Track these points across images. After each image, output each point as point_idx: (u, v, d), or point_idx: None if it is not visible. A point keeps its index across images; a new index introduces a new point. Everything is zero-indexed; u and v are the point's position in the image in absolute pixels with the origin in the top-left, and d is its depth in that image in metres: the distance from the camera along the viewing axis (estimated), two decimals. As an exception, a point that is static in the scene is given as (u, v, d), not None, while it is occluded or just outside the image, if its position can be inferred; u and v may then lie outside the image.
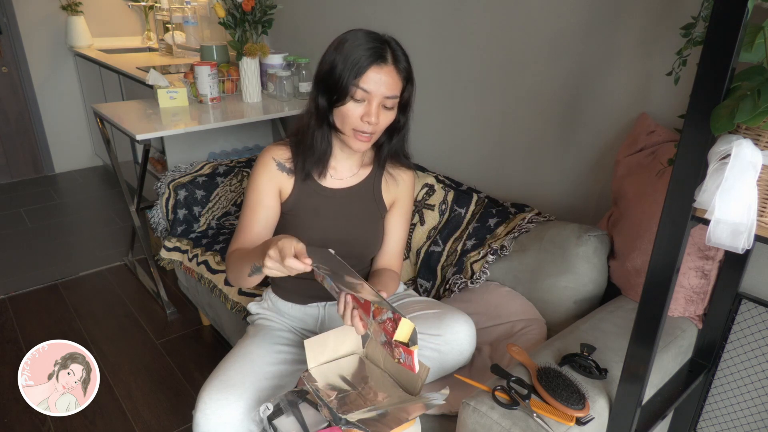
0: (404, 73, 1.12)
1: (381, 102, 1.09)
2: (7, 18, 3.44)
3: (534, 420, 0.91)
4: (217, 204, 2.04)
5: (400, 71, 1.10)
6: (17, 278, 2.54)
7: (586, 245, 1.32)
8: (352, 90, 1.07)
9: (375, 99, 1.08)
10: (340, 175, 1.24)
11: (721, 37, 0.65)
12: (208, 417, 1.07)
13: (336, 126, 1.13)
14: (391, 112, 1.13)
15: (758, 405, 1.26)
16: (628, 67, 1.34)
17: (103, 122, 2.28)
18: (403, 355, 0.86)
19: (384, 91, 1.08)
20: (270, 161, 1.20)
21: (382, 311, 0.87)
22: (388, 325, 0.86)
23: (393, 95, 1.09)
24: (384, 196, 1.28)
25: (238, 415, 1.08)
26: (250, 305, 1.38)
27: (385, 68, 1.07)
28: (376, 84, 1.07)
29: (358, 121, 1.09)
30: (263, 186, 1.20)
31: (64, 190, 3.64)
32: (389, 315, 0.86)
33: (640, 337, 0.85)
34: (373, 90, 1.07)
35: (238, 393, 1.09)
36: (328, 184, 1.23)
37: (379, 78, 1.07)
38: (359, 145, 1.13)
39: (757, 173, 0.69)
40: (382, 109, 1.10)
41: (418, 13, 1.86)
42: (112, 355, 2.03)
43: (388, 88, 1.08)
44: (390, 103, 1.10)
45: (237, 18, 2.23)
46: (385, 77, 1.07)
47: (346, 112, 1.09)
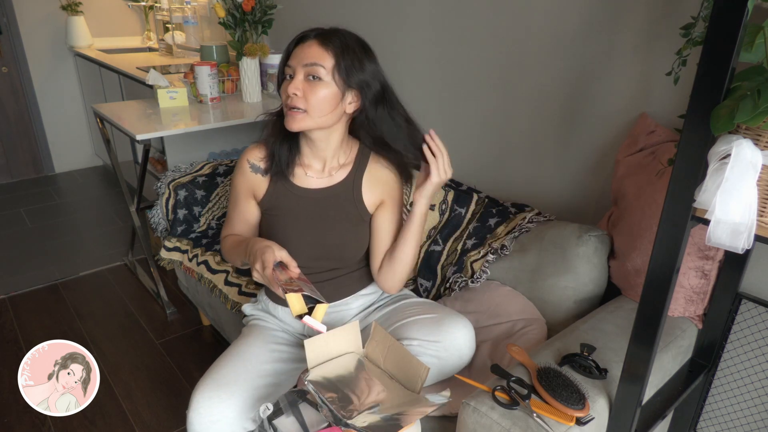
0: (333, 48, 1.10)
1: (304, 73, 1.10)
2: (7, 18, 3.44)
3: (534, 420, 0.91)
4: (217, 204, 2.03)
5: (325, 44, 1.10)
6: (17, 278, 2.54)
7: (587, 245, 1.32)
8: (285, 70, 1.13)
9: (299, 72, 1.10)
10: (316, 174, 1.23)
11: (721, 37, 0.65)
12: (201, 415, 1.07)
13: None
14: (321, 85, 1.09)
15: (758, 405, 1.26)
16: (628, 67, 1.34)
17: (103, 122, 2.28)
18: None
19: (304, 61, 1.10)
20: (244, 164, 1.25)
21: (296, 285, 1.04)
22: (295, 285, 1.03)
23: (311, 62, 1.09)
24: (365, 198, 1.24)
25: (230, 414, 1.08)
26: (245, 307, 1.38)
27: (307, 43, 1.11)
28: (296, 57, 1.11)
29: (286, 97, 1.12)
30: (238, 188, 1.27)
31: (64, 190, 3.64)
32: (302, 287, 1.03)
33: (640, 337, 0.85)
34: (294, 63, 1.11)
35: (231, 391, 1.09)
36: (303, 184, 1.23)
37: (300, 50, 1.11)
38: (290, 122, 1.12)
39: (757, 173, 0.69)
40: (308, 80, 1.10)
41: (418, 13, 1.86)
42: (112, 355, 2.03)
43: (307, 57, 1.10)
44: (312, 71, 1.09)
45: (237, 18, 2.23)
46: (306, 49, 1.11)
47: (282, 93, 1.14)
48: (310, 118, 1.11)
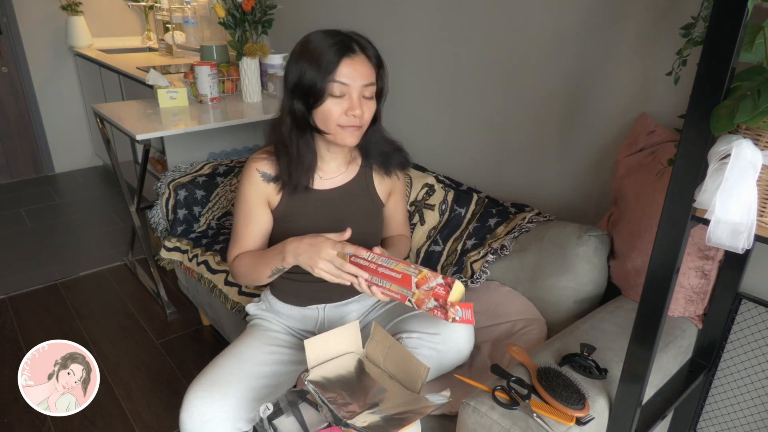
0: (375, 60, 1.11)
1: (360, 92, 1.08)
2: (7, 18, 3.44)
3: (534, 420, 0.91)
4: (217, 204, 2.03)
5: (371, 58, 1.10)
6: (17, 278, 2.54)
7: (586, 245, 1.32)
8: (330, 87, 1.06)
9: (354, 91, 1.08)
10: (330, 175, 1.23)
11: (721, 37, 0.65)
12: (193, 415, 1.07)
13: (318, 128, 1.12)
14: (372, 101, 1.12)
15: (758, 405, 1.26)
16: (628, 66, 1.34)
17: (103, 122, 2.28)
18: (460, 311, 0.94)
19: (361, 81, 1.08)
20: (254, 173, 1.19)
21: (428, 280, 0.96)
22: (439, 290, 0.94)
23: (370, 83, 1.09)
24: (378, 190, 1.28)
25: (222, 414, 1.07)
26: (248, 306, 1.38)
27: (356, 58, 1.07)
28: (351, 76, 1.07)
29: (341, 117, 1.08)
30: (251, 200, 1.20)
31: (64, 190, 3.64)
32: (439, 281, 0.95)
33: (640, 337, 0.85)
34: (350, 82, 1.07)
35: (224, 391, 1.09)
36: (318, 186, 1.22)
37: (354, 69, 1.07)
38: (350, 139, 1.11)
39: (757, 173, 0.69)
40: (364, 99, 1.09)
41: (418, 13, 1.86)
42: (112, 355, 2.03)
43: (364, 77, 1.08)
44: (369, 92, 1.10)
45: (237, 18, 2.23)
46: (359, 67, 1.07)
47: (327, 111, 1.08)
48: (360, 134, 1.14)
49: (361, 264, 1.04)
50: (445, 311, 0.95)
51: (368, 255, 1.05)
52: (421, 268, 0.99)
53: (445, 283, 0.95)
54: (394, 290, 1.01)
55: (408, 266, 1.01)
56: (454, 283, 0.95)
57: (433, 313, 0.97)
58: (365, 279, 1.03)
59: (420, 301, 0.98)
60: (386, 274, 1.01)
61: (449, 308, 0.94)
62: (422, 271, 0.98)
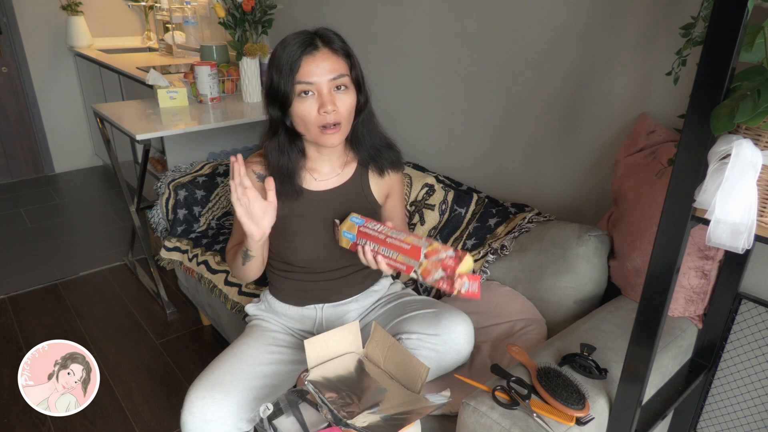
0: (342, 51, 1.09)
1: (330, 87, 1.06)
2: (7, 18, 3.44)
3: (534, 420, 0.91)
4: (217, 204, 2.03)
5: (336, 50, 1.08)
6: (17, 278, 2.54)
7: (586, 245, 1.32)
8: (295, 88, 1.05)
9: (323, 86, 1.06)
10: (323, 176, 1.23)
11: (721, 37, 0.65)
12: (194, 415, 1.07)
13: (300, 131, 1.12)
14: (348, 93, 1.09)
15: (758, 405, 1.26)
16: (628, 66, 1.34)
17: (103, 122, 2.28)
18: (467, 283, 0.93)
19: (327, 76, 1.05)
20: (250, 174, 1.20)
21: (438, 252, 0.95)
22: (448, 261, 0.94)
23: (338, 74, 1.07)
24: (374, 191, 1.27)
25: (224, 414, 1.07)
26: (248, 307, 1.38)
27: (318, 53, 1.06)
28: (315, 72, 1.05)
29: (317, 116, 1.07)
30: None
31: (64, 190, 3.64)
32: (449, 253, 0.94)
33: (640, 337, 0.85)
34: (316, 79, 1.05)
35: (225, 391, 1.09)
36: (313, 188, 1.22)
37: (316, 65, 1.05)
38: (330, 140, 1.09)
39: (757, 173, 0.69)
40: (336, 92, 1.07)
41: (418, 13, 1.86)
42: (112, 355, 2.03)
43: (330, 71, 1.06)
44: (340, 82, 1.07)
45: (237, 18, 2.23)
46: (322, 61, 1.05)
47: (301, 113, 1.07)
48: (343, 131, 1.11)
49: (370, 234, 1.05)
50: (452, 282, 0.93)
51: (378, 226, 1.06)
52: (432, 241, 0.99)
53: (456, 256, 0.94)
54: (400, 260, 1.00)
55: (419, 238, 1.00)
56: (465, 256, 0.94)
57: (439, 285, 0.96)
58: (371, 249, 1.04)
59: (426, 272, 0.96)
60: (394, 244, 1.01)
61: (456, 279, 0.92)
62: (433, 243, 0.98)
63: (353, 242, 1.08)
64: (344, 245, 1.10)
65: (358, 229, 1.07)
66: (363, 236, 1.06)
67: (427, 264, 0.96)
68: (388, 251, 1.02)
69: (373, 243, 1.04)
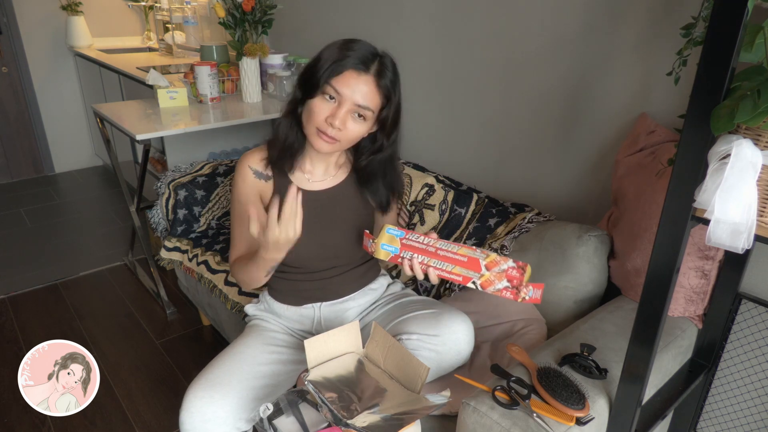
0: (384, 90, 1.09)
1: (351, 109, 1.06)
2: (7, 18, 3.44)
3: (534, 420, 0.91)
4: (217, 204, 2.03)
5: (380, 86, 1.08)
6: (17, 278, 2.54)
7: (586, 245, 1.32)
8: (325, 86, 1.05)
9: (345, 103, 1.06)
10: (317, 177, 1.23)
11: (721, 37, 0.65)
12: (193, 415, 1.07)
13: (302, 122, 1.12)
14: (362, 123, 1.10)
15: (758, 405, 1.27)
16: (628, 66, 1.34)
17: (103, 122, 2.28)
18: (532, 290, 0.96)
19: (357, 99, 1.05)
20: (246, 170, 1.20)
21: (498, 263, 0.98)
22: (512, 272, 0.96)
23: (365, 105, 1.07)
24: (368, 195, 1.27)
25: (222, 414, 1.07)
26: (247, 307, 1.38)
27: (364, 76, 1.06)
28: (350, 88, 1.05)
29: (322, 121, 1.07)
30: (246, 196, 1.21)
31: (64, 190, 3.64)
32: (511, 264, 0.97)
33: (640, 337, 0.85)
34: (346, 93, 1.05)
35: (224, 391, 1.09)
36: (306, 188, 1.22)
37: (356, 84, 1.05)
38: (321, 145, 1.10)
39: (757, 173, 0.69)
40: (352, 116, 1.08)
41: (418, 13, 1.86)
42: (112, 355, 2.03)
43: (362, 97, 1.06)
44: (362, 112, 1.08)
45: (237, 18, 2.23)
46: (362, 85, 1.05)
47: (313, 108, 1.08)
48: (339, 147, 1.12)
49: (416, 247, 1.05)
50: (517, 291, 0.96)
51: (422, 238, 1.06)
52: (487, 252, 1.00)
53: (518, 266, 0.97)
54: (456, 272, 1.01)
55: (471, 249, 1.02)
56: (527, 267, 0.98)
57: (501, 294, 0.98)
58: (420, 262, 1.03)
59: (488, 283, 0.99)
60: (448, 257, 1.02)
61: (522, 288, 0.96)
62: (489, 255, 0.99)
63: (394, 254, 1.07)
64: (382, 257, 1.08)
65: (401, 242, 1.06)
66: (408, 249, 1.05)
67: (489, 275, 0.98)
68: (441, 263, 1.02)
69: (422, 256, 1.04)
